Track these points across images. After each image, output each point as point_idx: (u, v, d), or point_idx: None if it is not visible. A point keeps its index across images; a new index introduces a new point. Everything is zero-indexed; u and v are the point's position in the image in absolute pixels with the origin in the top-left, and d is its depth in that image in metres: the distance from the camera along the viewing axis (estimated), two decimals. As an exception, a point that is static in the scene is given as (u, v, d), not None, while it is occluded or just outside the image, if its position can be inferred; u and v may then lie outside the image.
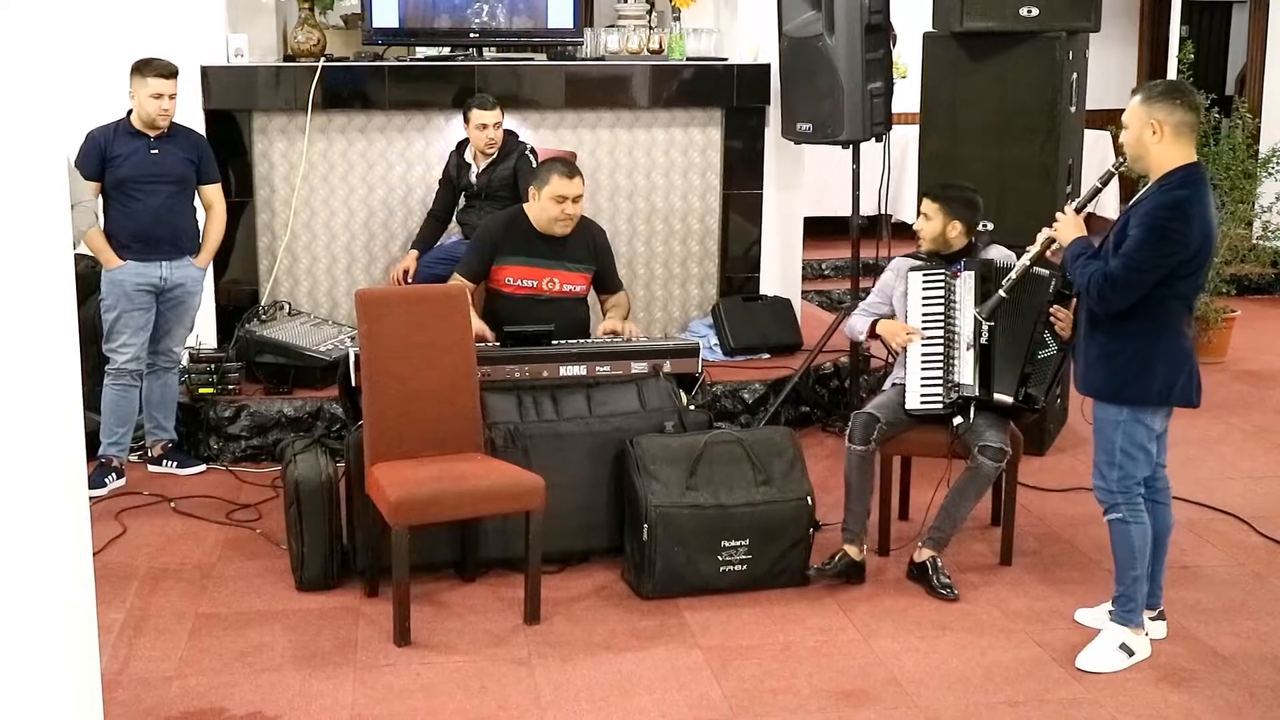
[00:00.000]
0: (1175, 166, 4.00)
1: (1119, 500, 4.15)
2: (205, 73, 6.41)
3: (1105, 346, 4.11)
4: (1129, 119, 4.04)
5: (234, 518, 5.42)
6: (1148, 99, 4.02)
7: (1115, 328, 4.07)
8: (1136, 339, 4.06)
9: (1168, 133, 3.99)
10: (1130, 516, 4.15)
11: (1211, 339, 7.90)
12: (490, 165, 6.32)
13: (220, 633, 4.42)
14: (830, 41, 6.13)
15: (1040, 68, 5.97)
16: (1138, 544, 4.16)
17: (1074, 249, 4.17)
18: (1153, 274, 3.95)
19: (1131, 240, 3.96)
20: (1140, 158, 4.05)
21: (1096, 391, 4.17)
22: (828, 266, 9.37)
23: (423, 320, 4.68)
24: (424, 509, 4.35)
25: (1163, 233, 3.93)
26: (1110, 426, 4.13)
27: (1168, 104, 3.99)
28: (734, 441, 4.81)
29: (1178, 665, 4.22)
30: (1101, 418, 4.16)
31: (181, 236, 5.75)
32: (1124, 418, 4.11)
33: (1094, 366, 4.16)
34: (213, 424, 6.07)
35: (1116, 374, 4.09)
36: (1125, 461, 4.13)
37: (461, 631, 4.44)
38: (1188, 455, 6.15)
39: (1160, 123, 3.98)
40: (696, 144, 7.03)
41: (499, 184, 6.26)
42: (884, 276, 5.20)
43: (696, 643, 4.37)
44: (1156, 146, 4.00)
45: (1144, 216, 3.96)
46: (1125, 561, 4.19)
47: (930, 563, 4.76)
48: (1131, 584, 4.20)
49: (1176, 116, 3.99)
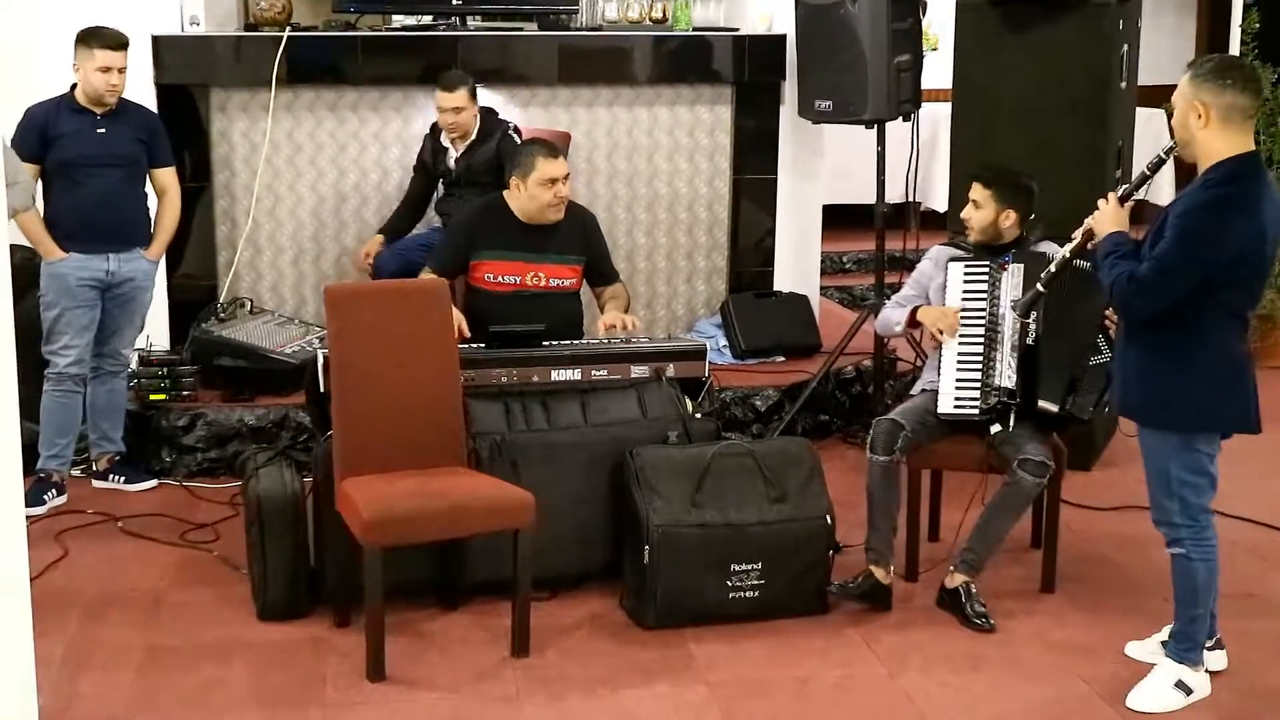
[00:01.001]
0: (1223, 157, 3.92)
1: (1182, 534, 4.11)
2: (157, 43, 6.41)
3: (1141, 362, 4.07)
4: (1177, 99, 3.98)
5: (189, 538, 5.42)
6: (1194, 77, 3.93)
7: (1150, 341, 4.03)
8: (1172, 355, 4.01)
9: (1214, 118, 3.90)
10: (1195, 553, 4.10)
11: (1278, 340, 7.90)
12: (469, 149, 6.33)
13: (173, 668, 4.41)
14: (853, 9, 6.14)
15: (1087, 39, 5.97)
16: (1201, 581, 4.13)
17: (1107, 244, 4.11)
18: (1182, 280, 3.89)
19: (1166, 242, 3.91)
20: (1186, 144, 3.99)
21: (1134, 413, 4.15)
22: (849, 260, 9.37)
23: (399, 319, 4.67)
24: (400, 528, 4.34)
25: (1194, 236, 3.87)
26: (1159, 454, 4.09)
27: (1216, 84, 3.90)
28: (745, 454, 4.81)
29: (1240, 705, 4.22)
30: (1149, 444, 4.12)
31: (131, 225, 5.75)
32: (1174, 444, 4.06)
33: (1131, 384, 4.12)
34: (165, 434, 6.07)
35: (1153, 394, 4.05)
36: (1184, 491, 4.08)
37: (442, 665, 4.44)
38: (1252, 470, 6.13)
39: (1206, 105, 3.90)
40: (704, 124, 7.03)
41: (481, 169, 6.27)
42: (921, 265, 5.20)
43: (703, 678, 4.37)
44: (1202, 133, 3.93)
45: (1178, 216, 3.91)
46: (1187, 599, 4.16)
47: (963, 589, 4.76)
48: (1191, 623, 4.18)
49: (1226, 99, 3.89)
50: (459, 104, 6.24)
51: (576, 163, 6.82)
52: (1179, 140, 4.01)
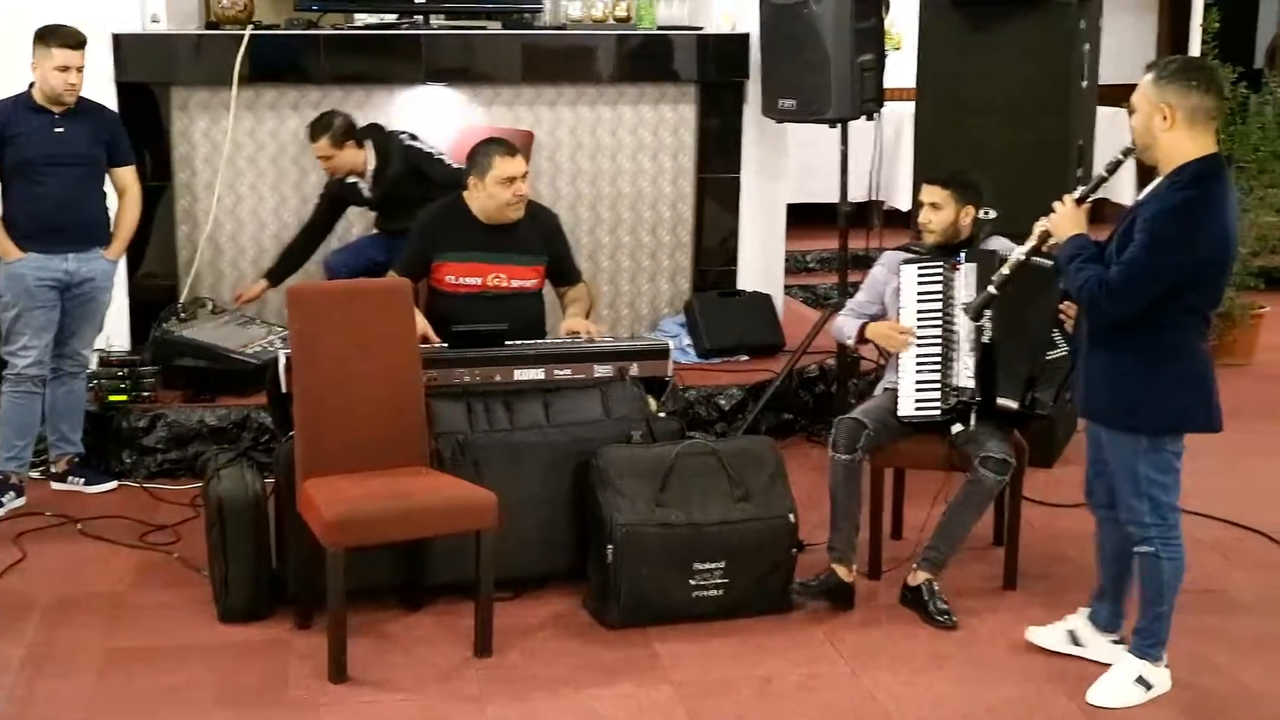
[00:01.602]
0: (1188, 159, 3.93)
1: (1152, 533, 4.13)
2: (117, 41, 6.38)
3: (1108, 365, 4.08)
4: (1138, 101, 3.98)
5: (149, 540, 5.39)
6: (1159, 79, 3.93)
7: (1119, 343, 4.04)
8: (1143, 357, 4.02)
9: (1180, 120, 3.91)
10: (1164, 551, 4.13)
11: (1238, 339, 7.96)
12: (376, 178, 6.27)
13: (134, 671, 4.39)
14: (816, 9, 6.15)
15: (1049, 38, 6.00)
16: (1168, 580, 4.16)
17: (1069, 248, 4.09)
18: (1154, 285, 3.90)
19: (1136, 245, 3.91)
20: (1149, 147, 3.98)
21: (1102, 416, 4.15)
22: (813, 259, 9.40)
23: (362, 319, 4.66)
24: (363, 529, 4.33)
25: (1166, 240, 3.87)
26: (1128, 456, 4.10)
27: (1182, 85, 3.91)
28: (709, 453, 4.81)
29: (1202, 701, 4.25)
30: (1117, 446, 4.12)
31: (90, 225, 5.72)
32: (1144, 446, 4.08)
33: (1097, 387, 4.13)
34: (125, 435, 6.04)
35: (1123, 398, 4.06)
36: (1154, 490, 4.11)
37: (405, 666, 4.43)
38: (1212, 468, 6.16)
39: (1172, 107, 3.91)
40: (668, 123, 7.04)
41: (401, 188, 6.18)
42: (874, 272, 5.21)
43: (667, 677, 4.37)
44: (1166, 135, 3.93)
45: (1149, 220, 3.91)
46: (1153, 597, 4.19)
47: (926, 587, 4.78)
48: (1155, 619, 4.21)
49: (1192, 100, 3.91)
50: (321, 153, 6.20)
51: (540, 162, 6.83)
52: (1141, 143, 4.00)
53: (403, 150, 6.23)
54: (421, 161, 6.17)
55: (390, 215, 6.30)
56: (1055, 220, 4.17)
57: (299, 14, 6.86)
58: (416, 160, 6.18)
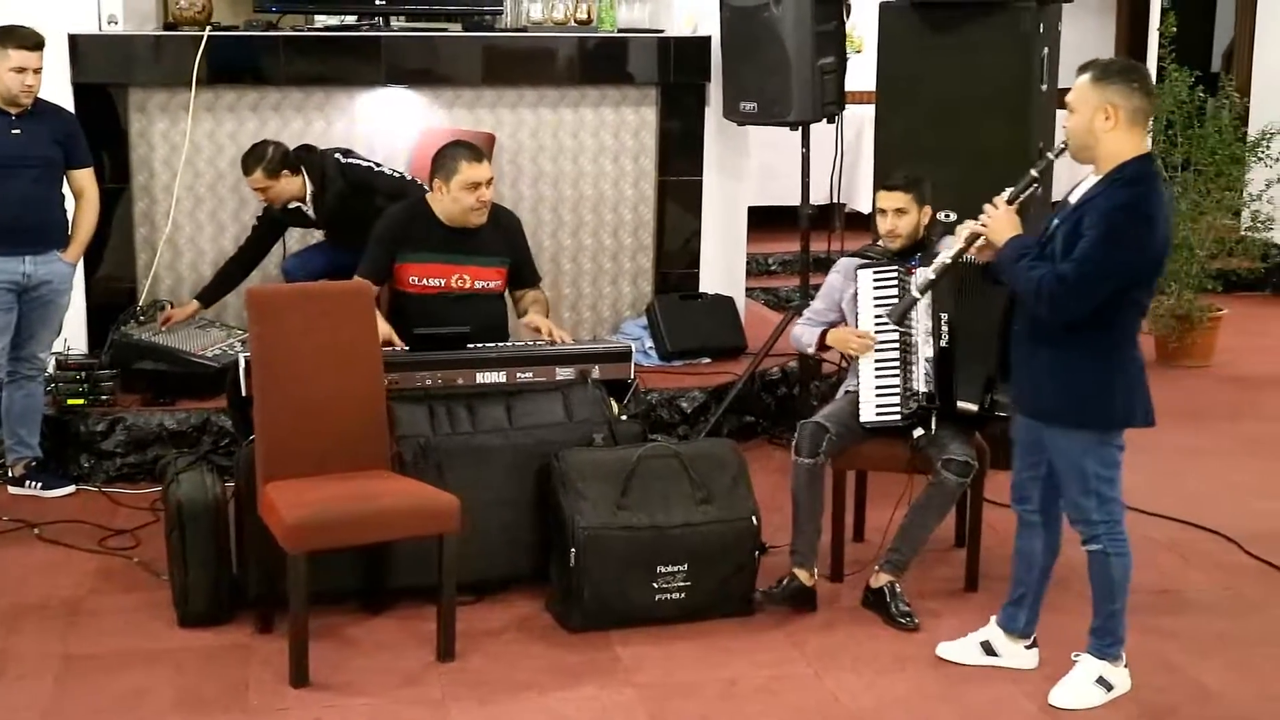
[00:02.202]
0: (1126, 159, 3.98)
1: (1100, 531, 4.16)
2: (74, 42, 6.34)
3: (1055, 363, 4.09)
4: (1076, 101, 4.01)
5: (108, 545, 5.37)
6: (1102, 79, 3.98)
7: (1067, 342, 4.06)
8: (1093, 354, 4.05)
9: (1122, 120, 3.96)
10: (1112, 548, 4.16)
11: (1196, 340, 8.03)
12: (315, 201, 6.21)
13: (92, 677, 4.37)
14: (777, 11, 6.17)
15: (1008, 41, 6.04)
16: (1118, 577, 4.19)
17: (1012, 250, 4.09)
18: (1112, 281, 3.94)
19: (1088, 242, 3.93)
20: (1087, 147, 4.02)
21: (1050, 415, 4.15)
22: (775, 261, 9.41)
23: (323, 321, 4.65)
24: (324, 533, 4.32)
25: (1123, 236, 3.91)
26: (1075, 454, 4.12)
27: (1125, 86, 3.96)
28: (671, 455, 4.82)
29: (1160, 700, 4.28)
30: (1063, 446, 4.14)
31: (48, 227, 5.69)
32: (1092, 441, 4.11)
33: (1043, 387, 4.14)
34: (83, 439, 6.00)
35: (1073, 396, 4.08)
36: (1101, 487, 4.13)
37: (367, 670, 4.42)
38: (1170, 468, 6.24)
39: (1115, 108, 3.95)
40: (629, 125, 7.05)
41: (344, 205, 6.12)
42: (830, 279, 5.23)
43: (630, 680, 4.38)
44: (1109, 135, 3.98)
45: (1102, 216, 3.93)
46: (1104, 595, 4.22)
47: (888, 589, 4.80)
48: (1110, 618, 4.24)
49: (1134, 102, 3.97)
50: (257, 185, 6.13)
51: (501, 164, 6.82)
52: (1081, 142, 4.03)
53: (339, 168, 6.14)
54: (360, 176, 6.10)
55: (340, 233, 6.24)
56: (990, 224, 4.16)
57: (258, 15, 6.84)
58: (355, 176, 6.11)
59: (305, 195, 6.18)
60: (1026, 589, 4.42)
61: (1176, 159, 7.97)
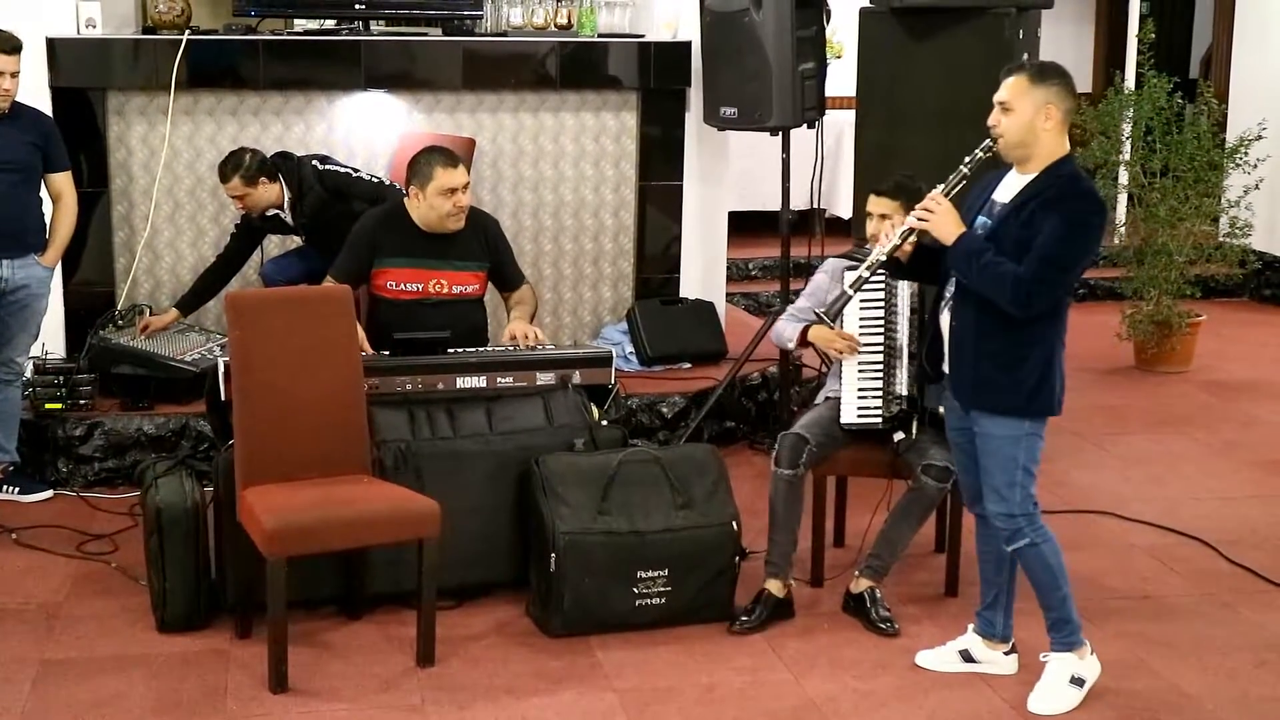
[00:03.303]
0: (1057, 157, 4.08)
1: (1023, 524, 4.20)
2: (52, 45, 6.32)
3: (1004, 355, 4.12)
4: (1015, 100, 4.07)
5: (86, 550, 5.36)
6: (1042, 80, 4.07)
7: (1017, 334, 4.10)
8: (1040, 345, 4.12)
9: (1058, 119, 4.07)
10: (1038, 537, 4.21)
11: (1175, 346, 8.06)
12: (293, 207, 6.18)
13: (70, 682, 4.36)
14: (757, 17, 6.18)
15: (988, 47, 6.06)
16: (1053, 562, 4.24)
17: (966, 245, 4.11)
18: (1076, 271, 4.07)
19: (1053, 236, 3.98)
20: (1024, 145, 4.08)
21: (995, 406, 4.16)
22: (755, 266, 9.44)
23: (302, 326, 4.65)
24: (303, 538, 4.32)
25: (1088, 226, 4.02)
26: (1011, 444, 4.16)
27: (1061, 88, 4.07)
28: (651, 461, 4.83)
29: (1139, 705, 4.30)
30: (999, 435, 4.17)
31: (25, 231, 5.67)
32: (1025, 432, 4.16)
33: (989, 379, 4.16)
34: (61, 444, 5.99)
35: (1021, 385, 4.12)
36: (1026, 480, 4.19)
37: (346, 675, 4.42)
38: (1150, 474, 6.26)
39: (1054, 107, 4.06)
40: (609, 130, 7.05)
41: (323, 212, 6.11)
42: (816, 279, 5.25)
43: (610, 685, 4.39)
44: (1047, 133, 4.07)
45: (1066, 211, 4.00)
46: (1047, 585, 4.25)
47: (868, 594, 4.81)
48: (1061, 605, 4.27)
49: (1068, 103, 4.09)
50: (235, 193, 6.09)
51: (481, 169, 6.82)
52: (1018, 139, 4.08)
53: (316, 175, 6.12)
54: (338, 182, 6.09)
55: (318, 239, 6.20)
56: (933, 220, 4.15)
57: (237, 19, 6.82)
58: (333, 182, 6.10)
59: (283, 202, 6.15)
60: (998, 589, 4.44)
61: (1155, 165, 8.00)
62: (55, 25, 6.37)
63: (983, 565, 4.49)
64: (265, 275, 6.41)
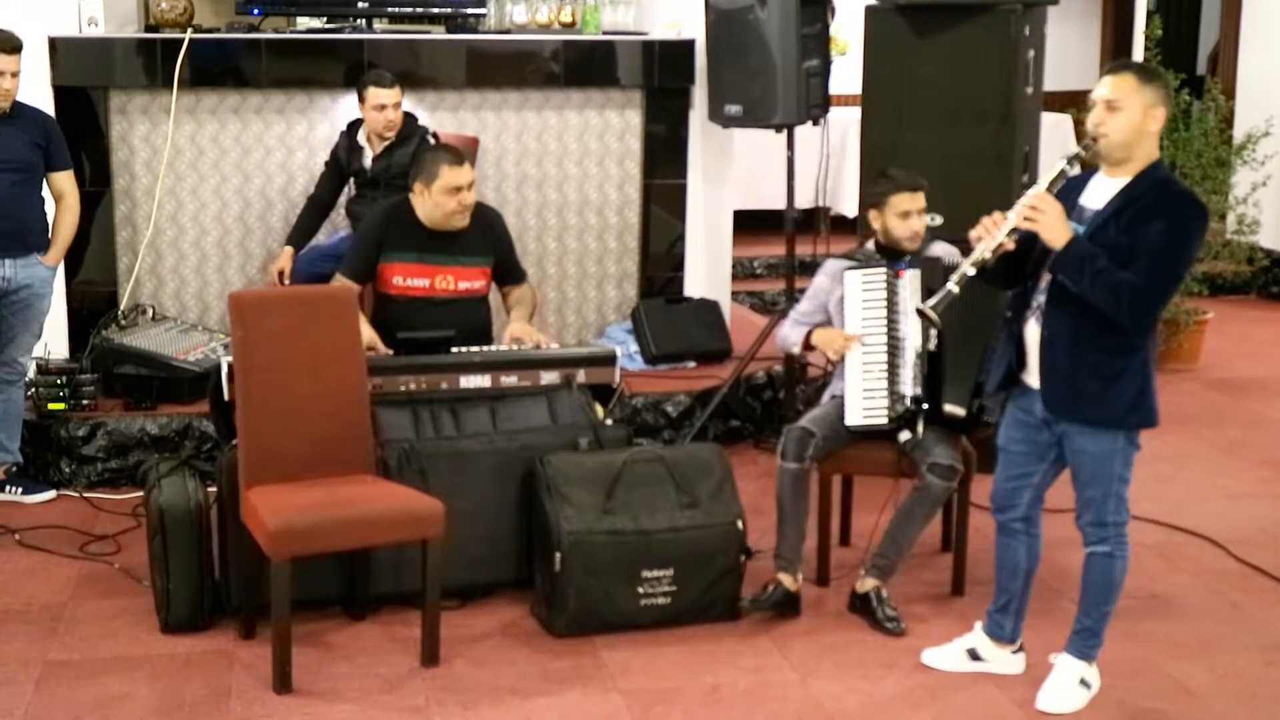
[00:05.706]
0: (1153, 160, 4.01)
1: (1110, 533, 4.17)
2: (54, 44, 6.33)
3: (1103, 366, 4.01)
4: (1125, 99, 3.93)
5: (89, 550, 5.36)
6: (1150, 81, 3.96)
7: (1116, 345, 4.00)
8: (1138, 355, 4.03)
9: (1162, 123, 4.00)
10: (1118, 550, 4.18)
11: (1182, 344, 8.06)
12: (387, 150, 6.31)
13: (73, 683, 4.36)
14: (762, 14, 6.18)
15: (994, 45, 6.06)
16: (1118, 579, 4.22)
17: (1079, 250, 3.92)
18: (1179, 281, 4.00)
19: (1160, 245, 3.88)
20: (1128, 145, 3.97)
21: (1094, 419, 4.07)
22: (760, 265, 9.43)
23: (305, 325, 4.66)
24: (307, 538, 4.32)
25: (1192, 233, 3.93)
26: (1108, 457, 4.10)
27: (1169, 92, 3.99)
28: (656, 460, 4.83)
29: (1146, 704, 4.30)
30: (1096, 450, 4.09)
31: (28, 231, 5.68)
32: (1121, 444, 4.10)
33: (1086, 390, 4.03)
34: (64, 444, 5.99)
35: (1120, 398, 4.03)
36: (1123, 490, 4.15)
37: (350, 676, 4.42)
38: (1157, 472, 6.26)
39: (1161, 110, 3.96)
40: (613, 128, 7.05)
41: (397, 170, 6.23)
42: (817, 281, 5.24)
43: (615, 685, 4.39)
44: (1149, 136, 3.99)
45: (1171, 215, 3.90)
46: (1099, 597, 4.23)
47: (874, 593, 4.81)
48: (1100, 619, 4.26)
49: (1169, 108, 4.02)
50: (396, 100, 6.25)
51: (485, 168, 6.83)
52: (1124, 140, 3.95)
53: (420, 139, 6.28)
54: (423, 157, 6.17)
55: (372, 199, 6.28)
56: (1043, 221, 3.93)
57: (239, 18, 6.83)
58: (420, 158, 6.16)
59: (392, 138, 6.30)
60: (1011, 596, 4.43)
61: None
62: (57, 24, 6.38)
63: (999, 572, 4.47)
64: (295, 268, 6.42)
